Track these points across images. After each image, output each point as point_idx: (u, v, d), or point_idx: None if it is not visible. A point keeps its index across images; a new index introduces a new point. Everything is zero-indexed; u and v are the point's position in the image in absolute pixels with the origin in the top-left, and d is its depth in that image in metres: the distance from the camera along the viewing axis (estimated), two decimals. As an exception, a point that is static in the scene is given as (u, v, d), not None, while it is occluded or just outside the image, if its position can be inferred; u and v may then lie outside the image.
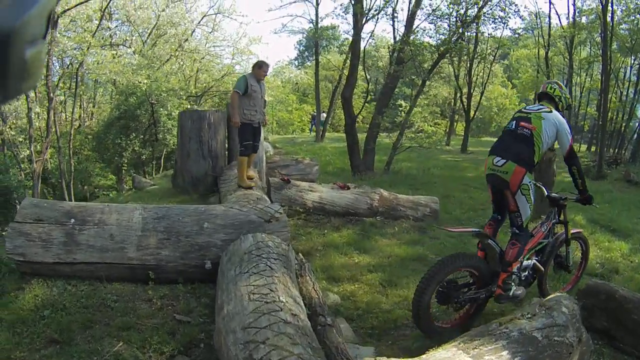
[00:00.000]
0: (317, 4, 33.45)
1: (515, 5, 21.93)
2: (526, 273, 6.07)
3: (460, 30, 19.02)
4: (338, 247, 8.72)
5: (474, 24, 19.89)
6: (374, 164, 18.06)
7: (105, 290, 5.80)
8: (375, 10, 19.50)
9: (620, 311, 5.38)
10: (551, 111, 5.70)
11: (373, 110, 20.55)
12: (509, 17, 20.38)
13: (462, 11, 19.16)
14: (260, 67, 9.44)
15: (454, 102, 37.35)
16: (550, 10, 67.43)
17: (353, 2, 18.79)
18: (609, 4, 24.74)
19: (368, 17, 18.97)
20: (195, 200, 10.67)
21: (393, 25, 19.97)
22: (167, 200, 10.76)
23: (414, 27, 18.68)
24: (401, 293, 6.88)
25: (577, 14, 33.39)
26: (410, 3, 18.50)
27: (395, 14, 19.50)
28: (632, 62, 33.31)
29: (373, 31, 32.64)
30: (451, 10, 19.49)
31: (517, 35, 37.81)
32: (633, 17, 29.67)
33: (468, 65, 30.65)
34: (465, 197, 14.34)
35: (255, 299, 4.24)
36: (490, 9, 19.51)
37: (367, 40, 24.23)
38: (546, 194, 6.40)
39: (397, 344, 5.61)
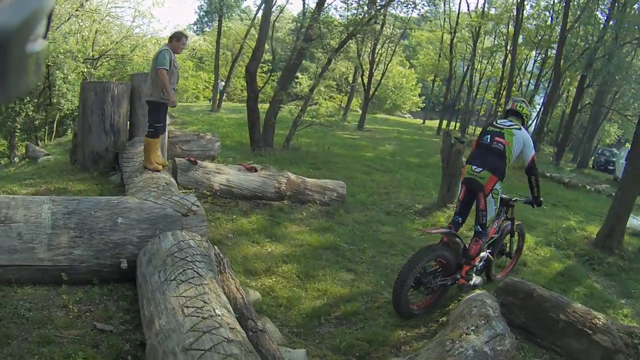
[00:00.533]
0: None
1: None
2: (482, 263, 7.00)
3: (373, 12, 18.84)
4: (249, 234, 8.50)
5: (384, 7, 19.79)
6: (273, 140, 17.85)
7: (16, 296, 5.22)
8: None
9: (539, 309, 5.84)
10: (520, 128, 6.60)
11: (274, 84, 20.17)
12: (423, 5, 20.50)
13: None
14: (179, 40, 8.83)
15: (353, 79, 37.38)
16: (460, -1, 69.51)
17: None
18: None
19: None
20: (95, 178, 10.15)
21: (304, 0, 19.64)
22: (67, 178, 10.15)
23: (325, 4, 18.41)
24: (320, 287, 6.89)
25: (486, 4, 34.42)
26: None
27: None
28: (536, 56, 34.70)
29: (284, 7, 32.33)
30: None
31: (423, 19, 38.46)
32: (543, 14, 30.86)
33: (372, 44, 30.71)
34: (368, 180, 14.36)
35: (190, 313, 3.92)
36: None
37: (277, 15, 23.61)
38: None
39: (325, 343, 5.59)
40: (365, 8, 19.49)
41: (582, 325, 5.55)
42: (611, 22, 27.20)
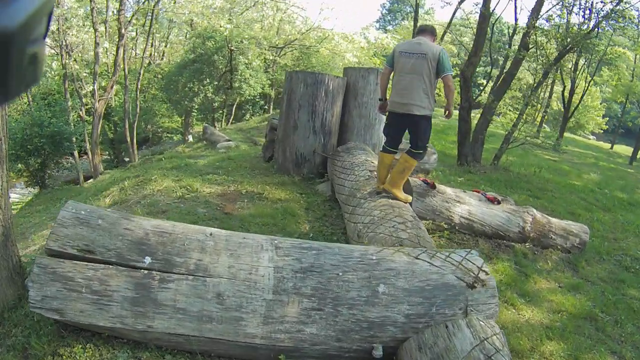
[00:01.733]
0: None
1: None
2: None
3: (592, 25, 16.45)
4: (499, 289, 6.58)
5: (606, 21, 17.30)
6: (481, 155, 15.96)
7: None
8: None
9: None
10: None
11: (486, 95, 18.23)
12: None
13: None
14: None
15: (550, 92, 34.58)
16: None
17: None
18: None
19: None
20: (297, 185, 8.76)
21: (515, 4, 17.59)
22: (261, 180, 8.83)
23: (542, 12, 16.25)
24: (591, 382, 5.38)
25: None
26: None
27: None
28: None
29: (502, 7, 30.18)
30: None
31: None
32: None
33: (576, 57, 27.88)
34: (592, 220, 11.93)
35: None
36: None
37: (497, 19, 21.19)
38: None
39: None
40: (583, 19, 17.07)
41: None
42: None
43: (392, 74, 6.69)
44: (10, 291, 4.23)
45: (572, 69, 29.46)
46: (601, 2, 16.12)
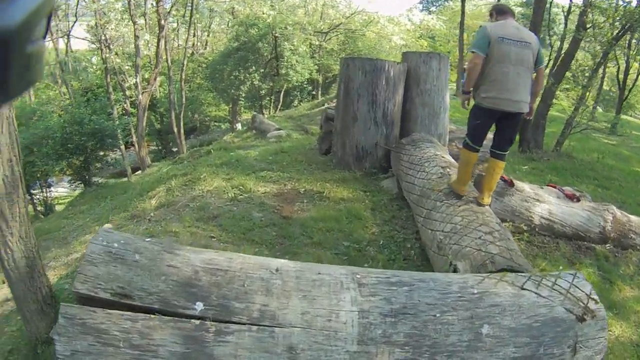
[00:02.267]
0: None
1: None
2: None
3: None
4: None
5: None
6: (543, 141, 15.13)
7: None
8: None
9: None
10: None
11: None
12: None
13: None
14: None
15: (602, 74, 33.06)
16: None
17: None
18: None
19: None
20: (359, 181, 8.14)
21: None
22: (319, 176, 8.28)
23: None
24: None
25: None
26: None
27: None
28: None
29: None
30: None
31: None
32: None
33: (630, 36, 26.49)
34: (667, 214, 11.10)
35: None
36: None
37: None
38: None
39: None
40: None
41: None
42: None
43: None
44: (43, 324, 3.75)
45: (627, 47, 28.09)
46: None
